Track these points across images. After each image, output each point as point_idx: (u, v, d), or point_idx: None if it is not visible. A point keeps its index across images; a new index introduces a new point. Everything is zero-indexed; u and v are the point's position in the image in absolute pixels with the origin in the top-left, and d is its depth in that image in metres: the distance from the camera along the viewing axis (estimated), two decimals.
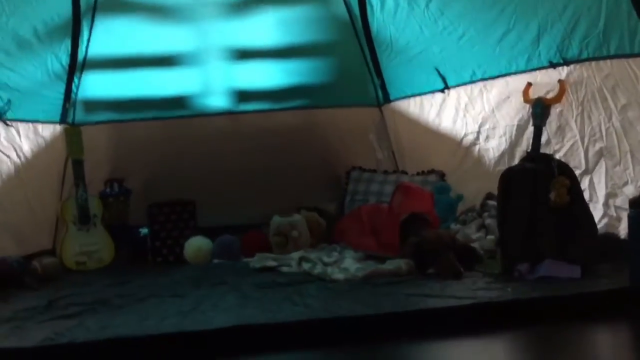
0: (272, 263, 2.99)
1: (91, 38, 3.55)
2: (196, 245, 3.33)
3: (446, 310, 2.17)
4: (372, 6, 3.67)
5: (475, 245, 2.95)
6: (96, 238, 3.36)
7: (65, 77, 3.52)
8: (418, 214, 3.04)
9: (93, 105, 3.71)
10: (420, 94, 3.81)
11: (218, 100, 3.87)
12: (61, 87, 3.54)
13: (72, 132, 3.46)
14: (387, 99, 4.02)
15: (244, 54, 3.81)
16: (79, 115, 3.68)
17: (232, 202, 3.81)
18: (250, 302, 2.36)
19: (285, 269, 2.94)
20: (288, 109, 3.95)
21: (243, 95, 3.89)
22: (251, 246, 3.30)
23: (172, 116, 3.81)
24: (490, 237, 2.81)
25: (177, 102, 3.81)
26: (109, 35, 3.58)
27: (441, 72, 3.61)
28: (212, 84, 3.86)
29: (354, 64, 3.94)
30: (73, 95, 3.62)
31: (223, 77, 3.86)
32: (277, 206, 3.60)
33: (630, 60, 2.71)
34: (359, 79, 4.00)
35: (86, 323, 2.19)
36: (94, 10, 3.50)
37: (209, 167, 3.80)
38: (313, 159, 3.99)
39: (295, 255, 3.06)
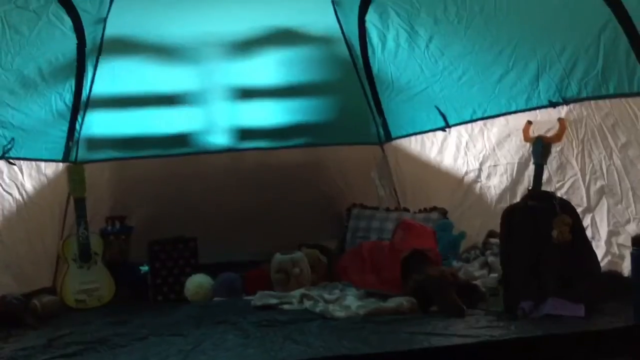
0: (273, 301, 2.98)
1: (95, 77, 3.60)
2: (197, 282, 3.32)
3: (450, 349, 2.16)
4: (373, 46, 3.73)
5: (478, 282, 2.94)
6: (96, 276, 3.35)
7: (68, 116, 3.55)
8: (420, 251, 3.04)
9: (96, 143, 3.75)
10: (421, 132, 3.84)
11: (220, 138, 3.91)
12: (64, 126, 3.57)
13: (75, 170, 3.48)
14: (389, 137, 4.06)
15: (247, 93, 3.86)
16: (82, 153, 3.72)
17: (233, 239, 3.81)
18: (251, 341, 2.35)
19: (286, 306, 2.92)
20: (290, 147, 3.99)
21: (245, 133, 3.93)
22: (252, 284, 3.28)
23: (174, 154, 3.84)
24: (493, 275, 2.80)
25: (180, 140, 3.85)
26: (113, 75, 3.63)
27: (442, 110, 3.66)
28: (215, 122, 3.91)
29: (355, 103, 4.00)
30: (76, 134, 3.65)
31: (226, 115, 3.90)
32: (279, 243, 3.60)
33: (630, 100, 2.74)
34: (361, 117, 4.05)
35: None
36: (99, 51, 3.56)
37: (210, 204, 3.82)
38: (314, 196, 4.01)
39: (297, 292, 3.05)
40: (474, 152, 3.59)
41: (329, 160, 4.04)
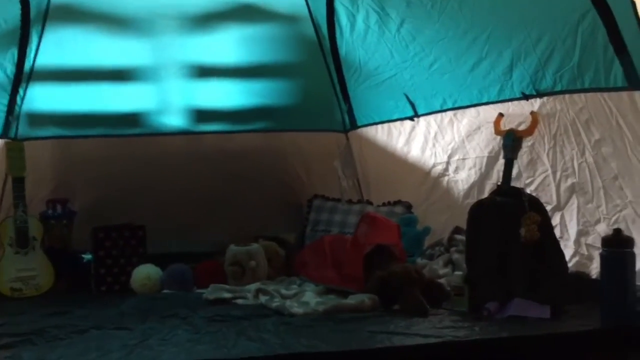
0: (227, 295, 2.96)
1: (40, 47, 3.50)
2: (145, 273, 3.28)
3: (411, 348, 2.17)
4: (341, 27, 3.71)
5: (443, 281, 2.97)
6: (34, 263, 3.28)
7: (9, 88, 3.45)
8: (384, 247, 3.05)
9: (38, 119, 3.65)
10: (388, 121, 3.85)
11: (174, 119, 3.85)
12: (4, 99, 3.47)
13: (14, 148, 3.39)
14: (354, 125, 4.06)
15: (204, 72, 3.80)
16: (23, 129, 3.61)
17: (185, 228, 3.78)
18: (202, 336, 2.33)
19: (240, 301, 2.91)
20: (249, 131, 3.95)
21: (202, 115, 3.88)
22: (205, 276, 3.26)
23: (124, 134, 3.77)
24: (458, 273, 2.82)
25: (130, 119, 3.77)
26: (59, 45, 3.53)
27: (411, 98, 3.67)
28: (169, 101, 3.84)
29: (320, 87, 3.98)
30: (17, 108, 3.55)
31: (181, 94, 3.84)
32: (234, 234, 3.57)
33: (605, 95, 2.78)
34: (325, 103, 4.04)
35: (21, 356, 2.13)
36: (45, 18, 3.45)
37: (161, 189, 3.77)
38: (273, 184, 4.00)
39: (252, 287, 3.04)
40: (443, 143, 3.61)
41: (290, 147, 4.03)
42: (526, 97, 3.12)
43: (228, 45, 3.79)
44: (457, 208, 3.48)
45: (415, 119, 3.71)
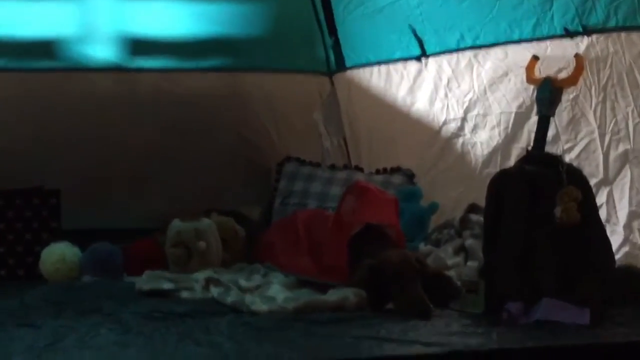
0: (167, 285, 2.97)
1: None
2: (58, 255, 3.28)
3: (408, 359, 2.19)
4: None
5: (452, 274, 2.98)
6: None
7: None
8: (376, 227, 3.06)
9: None
10: (387, 62, 3.86)
11: (101, 50, 3.84)
12: None
13: None
14: (342, 66, 4.07)
15: None
16: None
17: (113, 197, 3.80)
18: (133, 338, 2.33)
19: (185, 294, 2.92)
20: (201, 70, 3.95)
21: (139, 46, 3.86)
22: (138, 260, 3.29)
23: (32, 68, 3.75)
24: (472, 264, 2.86)
25: (42, 49, 3.75)
26: None
27: (418, 33, 3.66)
28: (95, 26, 3.82)
29: (297, 13, 3.99)
30: None
31: (111, 17, 3.82)
32: (178, 206, 3.60)
33: None
34: (304, 35, 4.05)
35: None
36: None
37: (83, 144, 3.76)
38: (232, 142, 4.02)
39: (201, 275, 3.05)
40: (458, 94, 3.62)
41: (256, 93, 4.03)
42: (570, 34, 3.13)
43: None
44: (473, 180, 3.51)
45: (423, 59, 3.71)
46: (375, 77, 3.92)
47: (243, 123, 4.02)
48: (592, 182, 2.91)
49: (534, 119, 3.18)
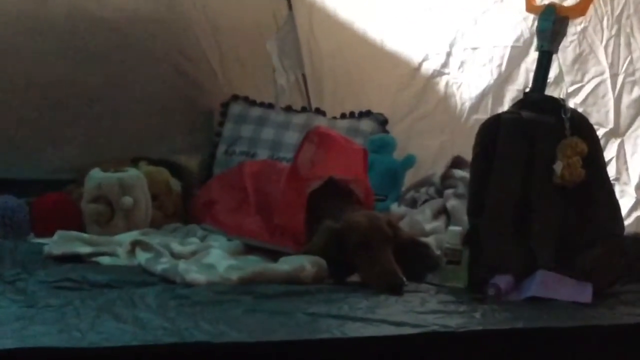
0: (83, 249, 2.97)
1: None
2: None
3: (374, 341, 2.19)
4: None
5: (430, 241, 3.01)
6: None
7: None
8: (340, 183, 3.09)
9: None
10: None
11: None
12: None
13: None
14: None
15: None
16: None
17: (17, 141, 3.77)
18: (40, 312, 2.30)
19: (106, 259, 2.93)
20: None
21: None
22: (48, 218, 3.29)
23: None
24: (455, 228, 2.87)
25: None
26: None
27: None
28: None
29: None
30: None
31: None
32: (98, 153, 3.62)
33: None
34: None
35: None
36: None
37: None
38: (167, 77, 4.01)
39: (126, 237, 3.06)
40: (442, 23, 3.64)
41: (195, 16, 4.01)
42: None
43: None
44: (458, 127, 3.56)
45: None
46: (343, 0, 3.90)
47: (180, 53, 4.00)
48: (600, 132, 2.94)
49: (533, 55, 3.19)
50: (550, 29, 3.06)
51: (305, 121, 3.86)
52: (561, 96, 3.07)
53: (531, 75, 3.09)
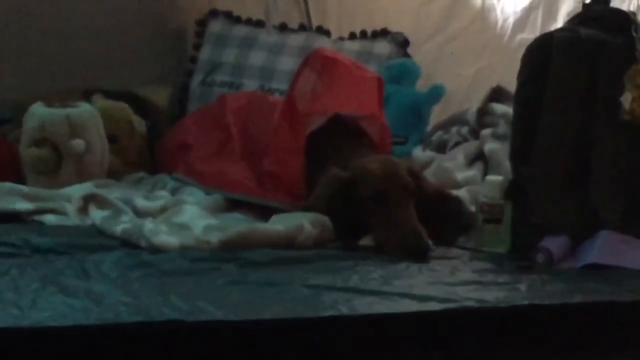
0: (22, 205, 2.99)
1: None
2: None
3: (391, 320, 2.20)
4: None
5: (463, 194, 3.04)
6: None
7: None
8: (347, 120, 3.11)
9: None
10: None
11: None
12: None
13: None
14: None
15: None
16: None
17: None
18: None
19: (51, 218, 2.95)
20: None
21: None
22: None
23: None
24: (494, 178, 2.88)
25: None
26: None
27: None
28: None
29: None
30: None
31: None
32: (40, 82, 3.65)
33: None
34: None
35: None
36: None
37: None
38: None
39: (77, 191, 3.07)
40: None
41: None
42: None
43: None
44: (499, 50, 3.59)
45: None
46: None
47: None
48: None
49: None
50: None
51: (303, 43, 3.87)
52: (631, 9, 3.03)
53: None
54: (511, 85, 2.91)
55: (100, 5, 3.94)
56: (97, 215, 2.91)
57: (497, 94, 3.41)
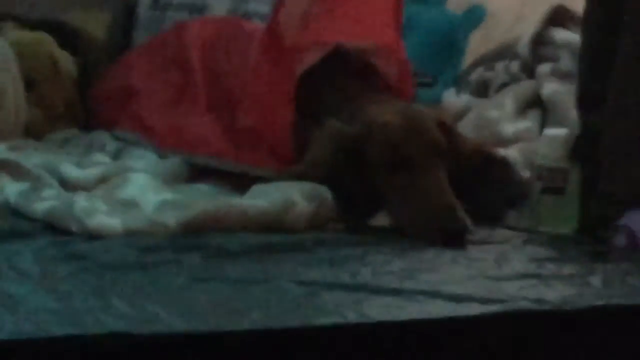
0: None
1: None
2: None
3: (416, 328, 2.21)
4: None
5: (513, 154, 3.09)
6: None
7: None
8: (353, 54, 3.14)
9: None
10: None
11: None
12: None
13: None
14: None
15: None
16: None
17: None
18: None
19: None
20: None
21: None
22: None
23: None
24: (555, 132, 2.89)
25: None
26: None
27: None
28: None
29: None
30: None
31: None
32: None
33: None
34: None
35: None
36: None
37: None
38: None
39: None
40: None
41: None
42: None
43: None
44: None
45: None
46: None
47: None
48: None
49: None
50: None
51: None
52: None
53: None
54: (577, 4, 2.89)
55: None
56: (10, 189, 2.91)
57: (557, 16, 3.44)
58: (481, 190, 2.83)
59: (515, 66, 3.43)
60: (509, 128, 3.23)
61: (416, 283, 2.40)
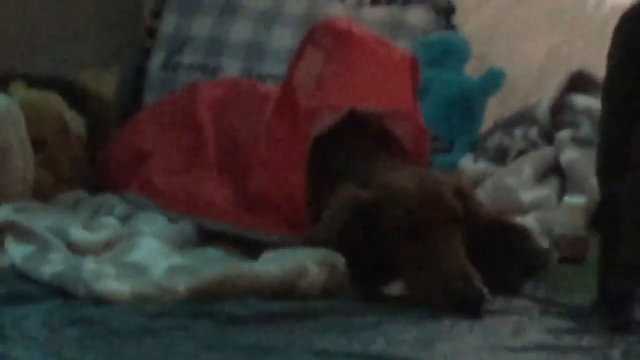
0: None
1: None
2: None
3: None
4: None
5: (531, 222, 3.06)
6: None
7: None
8: (368, 118, 3.14)
9: None
10: None
11: None
12: None
13: None
14: None
15: None
16: None
17: None
18: None
19: None
20: None
21: None
22: None
23: None
24: (575, 200, 2.89)
25: None
26: None
27: None
28: None
29: None
30: None
31: None
32: None
33: None
34: None
35: None
36: None
37: None
38: None
39: None
40: None
41: None
42: None
43: None
44: (581, 20, 3.61)
45: None
46: None
47: None
48: None
49: None
50: None
51: (306, 9, 3.90)
52: None
53: None
54: (598, 70, 2.90)
55: None
56: (16, 252, 2.91)
57: (578, 82, 3.43)
58: (498, 258, 2.82)
59: (533, 132, 3.43)
60: (527, 196, 3.22)
61: (431, 353, 2.39)
